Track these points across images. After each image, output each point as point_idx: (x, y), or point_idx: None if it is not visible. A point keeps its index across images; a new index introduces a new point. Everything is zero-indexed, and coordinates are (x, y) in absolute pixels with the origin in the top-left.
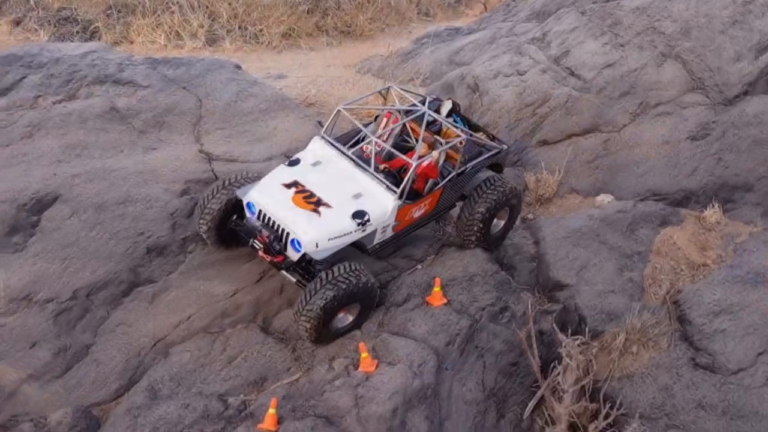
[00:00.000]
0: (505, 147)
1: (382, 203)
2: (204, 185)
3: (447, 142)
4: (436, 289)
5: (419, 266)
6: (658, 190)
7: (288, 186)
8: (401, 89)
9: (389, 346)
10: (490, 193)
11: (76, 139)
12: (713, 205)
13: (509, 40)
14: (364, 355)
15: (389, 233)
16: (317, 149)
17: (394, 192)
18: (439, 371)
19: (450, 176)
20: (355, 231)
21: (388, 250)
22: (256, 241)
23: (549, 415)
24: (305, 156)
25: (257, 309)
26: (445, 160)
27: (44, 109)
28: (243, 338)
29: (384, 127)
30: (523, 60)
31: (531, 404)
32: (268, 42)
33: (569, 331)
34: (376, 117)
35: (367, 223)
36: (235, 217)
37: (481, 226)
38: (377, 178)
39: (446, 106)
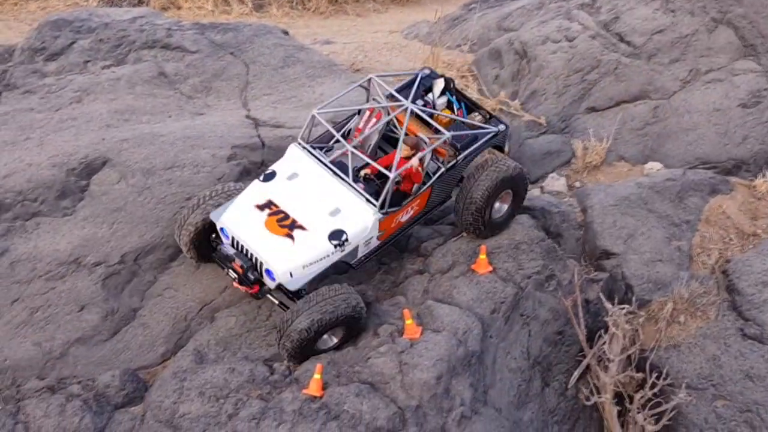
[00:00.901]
0: (501, 128)
1: (361, 218)
2: (250, 151)
3: (429, 142)
4: (482, 256)
5: (464, 233)
6: (708, 158)
7: (261, 207)
8: (383, 78)
9: (434, 313)
10: (486, 177)
11: (125, 104)
12: (764, 174)
13: (558, 5)
14: (408, 321)
15: (374, 244)
16: (294, 159)
17: (374, 205)
18: (484, 339)
19: (438, 174)
20: (333, 253)
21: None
22: (231, 270)
23: (594, 384)
24: (281, 168)
25: None
26: (432, 154)
27: (93, 74)
28: None
29: (367, 122)
30: (573, 26)
31: (576, 373)
32: (315, 8)
33: (616, 300)
34: (359, 111)
35: (346, 243)
36: (214, 236)
37: (477, 212)
38: (356, 190)
39: (438, 85)
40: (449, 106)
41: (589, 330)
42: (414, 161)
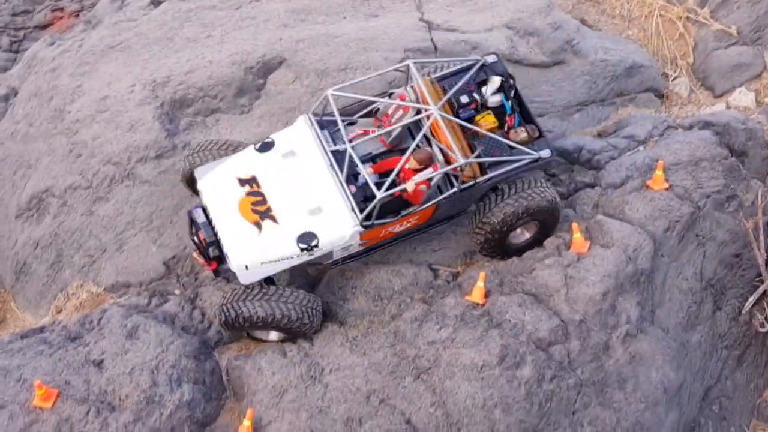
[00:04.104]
0: (544, 154)
1: (340, 226)
2: (422, 55)
3: (443, 164)
4: (658, 172)
5: (641, 148)
6: None
7: (243, 182)
8: (422, 63)
9: (604, 228)
10: (512, 201)
11: (302, 4)
12: None
13: None
14: (576, 235)
15: (355, 249)
16: (297, 134)
17: (357, 217)
18: (655, 257)
19: (446, 195)
20: (299, 256)
21: None
22: (195, 237)
23: None
24: (280, 140)
25: None
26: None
27: None
28: None
29: (395, 110)
30: None
31: (752, 299)
32: None
33: None
34: (390, 94)
35: (315, 249)
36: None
37: (491, 234)
38: (344, 193)
39: (494, 83)
40: (500, 108)
41: None
42: (409, 185)
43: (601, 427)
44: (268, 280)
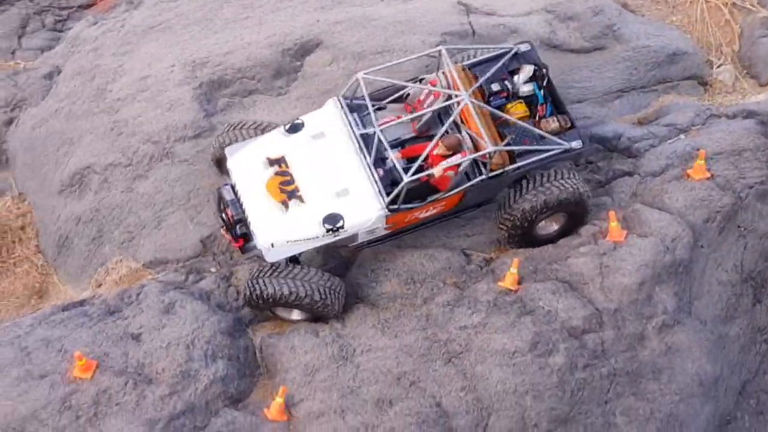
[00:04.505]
0: (575, 145)
1: (365, 210)
2: (460, 38)
3: (470, 150)
4: (700, 161)
5: (682, 136)
6: None
7: (272, 162)
8: (455, 50)
9: (641, 217)
10: (539, 192)
11: None
12: None
13: None
14: (613, 223)
15: (381, 233)
16: (327, 116)
17: (383, 200)
18: (694, 248)
19: (474, 182)
20: (324, 236)
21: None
22: (223, 214)
23: None
24: (310, 122)
25: None
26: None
27: None
28: None
29: (427, 96)
30: None
31: None
32: None
33: None
34: (421, 80)
35: (340, 230)
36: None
37: (516, 222)
38: (372, 176)
39: (526, 71)
40: (532, 98)
41: None
42: (436, 170)
43: (634, 417)
44: (294, 260)
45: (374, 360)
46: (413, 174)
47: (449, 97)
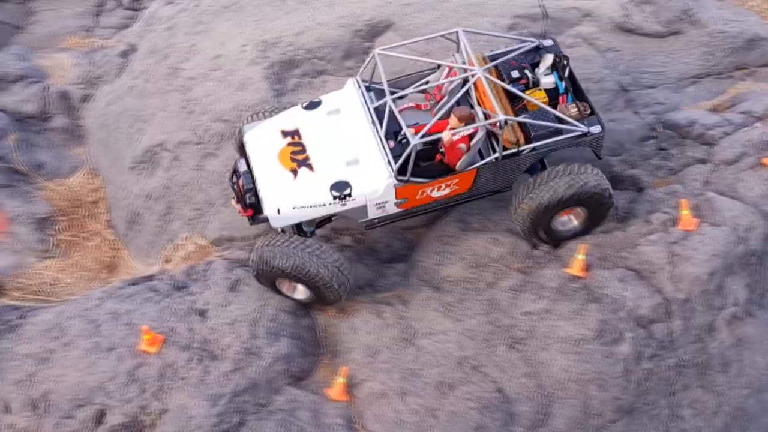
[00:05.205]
0: (594, 130)
1: (374, 178)
2: (531, 21)
3: (479, 120)
4: None
5: (758, 124)
6: None
7: (285, 134)
8: (473, 33)
9: (714, 205)
10: (555, 185)
11: None
12: None
13: None
14: (684, 212)
15: (391, 210)
16: (344, 94)
17: (392, 169)
18: None
19: (486, 160)
20: (331, 204)
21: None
22: (234, 185)
23: None
24: (328, 100)
25: None
26: (492, 137)
27: None
28: None
29: (444, 85)
30: None
31: None
32: None
33: None
34: (439, 66)
35: (347, 198)
36: None
37: (531, 216)
38: (382, 148)
39: (546, 61)
40: (554, 91)
41: None
42: (444, 135)
43: (701, 410)
44: (302, 233)
45: (436, 343)
46: (422, 137)
47: (465, 80)
